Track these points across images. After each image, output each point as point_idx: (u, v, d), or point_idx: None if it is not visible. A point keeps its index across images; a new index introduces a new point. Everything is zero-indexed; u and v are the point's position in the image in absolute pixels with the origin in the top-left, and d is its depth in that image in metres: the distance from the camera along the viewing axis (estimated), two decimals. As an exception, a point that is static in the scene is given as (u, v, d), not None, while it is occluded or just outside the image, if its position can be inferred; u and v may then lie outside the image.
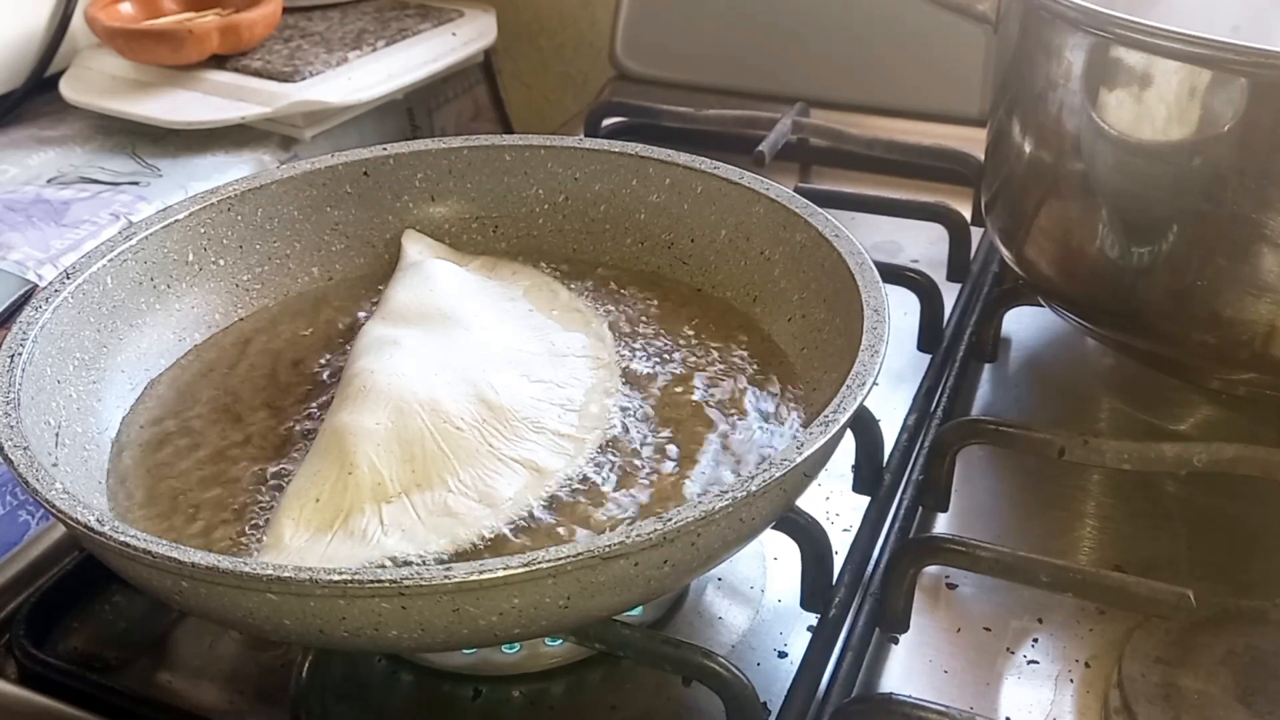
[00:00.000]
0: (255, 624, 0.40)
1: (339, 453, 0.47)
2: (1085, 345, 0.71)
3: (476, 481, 0.47)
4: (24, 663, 0.49)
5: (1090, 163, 0.58)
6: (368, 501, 0.46)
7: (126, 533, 0.40)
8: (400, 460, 0.47)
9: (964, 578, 0.55)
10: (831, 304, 0.54)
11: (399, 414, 0.48)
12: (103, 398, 0.53)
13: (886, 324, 0.49)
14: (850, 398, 0.44)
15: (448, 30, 0.95)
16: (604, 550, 0.38)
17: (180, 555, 0.38)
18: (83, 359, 0.52)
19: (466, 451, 0.48)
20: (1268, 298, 0.54)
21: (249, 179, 0.61)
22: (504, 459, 0.48)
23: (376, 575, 0.37)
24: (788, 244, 0.57)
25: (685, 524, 0.39)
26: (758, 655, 0.51)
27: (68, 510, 0.41)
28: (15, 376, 0.47)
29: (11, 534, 0.60)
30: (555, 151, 0.64)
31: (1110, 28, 0.55)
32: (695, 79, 0.98)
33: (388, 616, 0.38)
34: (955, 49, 0.90)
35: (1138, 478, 0.58)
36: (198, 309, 0.59)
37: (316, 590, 0.37)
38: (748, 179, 0.60)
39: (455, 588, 0.37)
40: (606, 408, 0.52)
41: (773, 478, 0.41)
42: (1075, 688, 0.49)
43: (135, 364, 0.55)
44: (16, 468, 0.43)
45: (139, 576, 0.42)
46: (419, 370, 0.51)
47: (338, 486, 0.46)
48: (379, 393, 0.49)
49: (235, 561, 0.38)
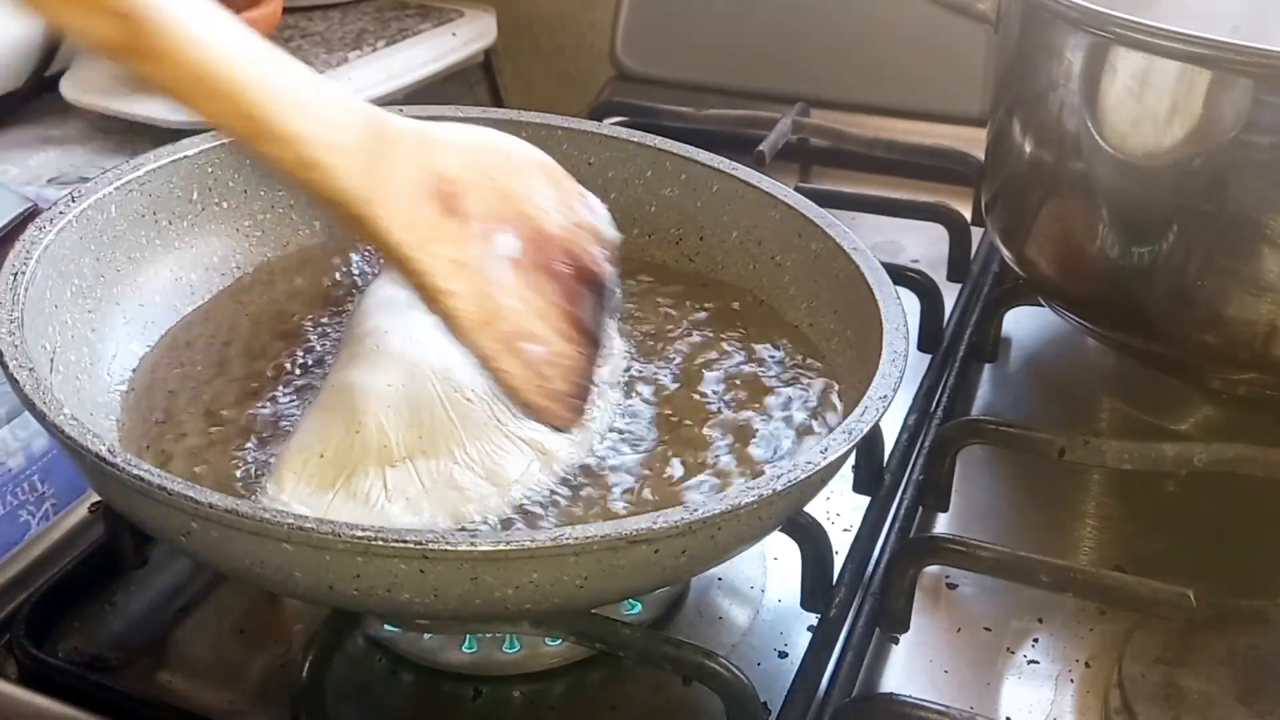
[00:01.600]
0: (263, 574, 0.39)
1: (347, 410, 0.46)
2: (1085, 345, 0.71)
3: (483, 457, 0.47)
4: (24, 663, 0.49)
5: (1090, 162, 0.58)
6: (372, 464, 0.45)
7: (140, 466, 0.38)
8: (408, 425, 0.46)
9: (964, 577, 0.54)
10: (843, 315, 0.54)
11: (411, 378, 0.47)
12: (97, 328, 0.52)
13: (906, 340, 0.49)
14: (873, 409, 0.45)
15: (448, 30, 0.95)
16: (631, 534, 0.38)
17: (197, 495, 0.37)
18: (80, 286, 0.51)
19: (475, 424, 0.47)
20: (1268, 297, 0.54)
21: None
22: (511, 436, 0.48)
23: (401, 535, 0.37)
24: (801, 252, 0.57)
25: (710, 515, 0.39)
26: (758, 655, 0.51)
27: (77, 438, 0.39)
28: (19, 295, 0.46)
29: (12, 533, 0.60)
30: (572, 134, 0.63)
31: (1111, 27, 0.55)
32: (695, 78, 0.98)
33: (404, 579, 0.38)
34: (955, 49, 0.90)
35: (1138, 477, 0.58)
36: (197, 250, 0.58)
37: (337, 544, 0.37)
38: (766, 183, 0.60)
39: (481, 556, 0.37)
40: (612, 396, 0.52)
41: (796, 479, 0.41)
42: (1075, 688, 0.49)
43: (131, 299, 0.54)
44: (22, 388, 0.41)
45: (146, 514, 0.40)
46: (433, 336, 0.49)
47: (343, 445, 0.46)
48: (392, 354, 0.48)
49: (254, 506, 0.38)
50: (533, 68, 1.11)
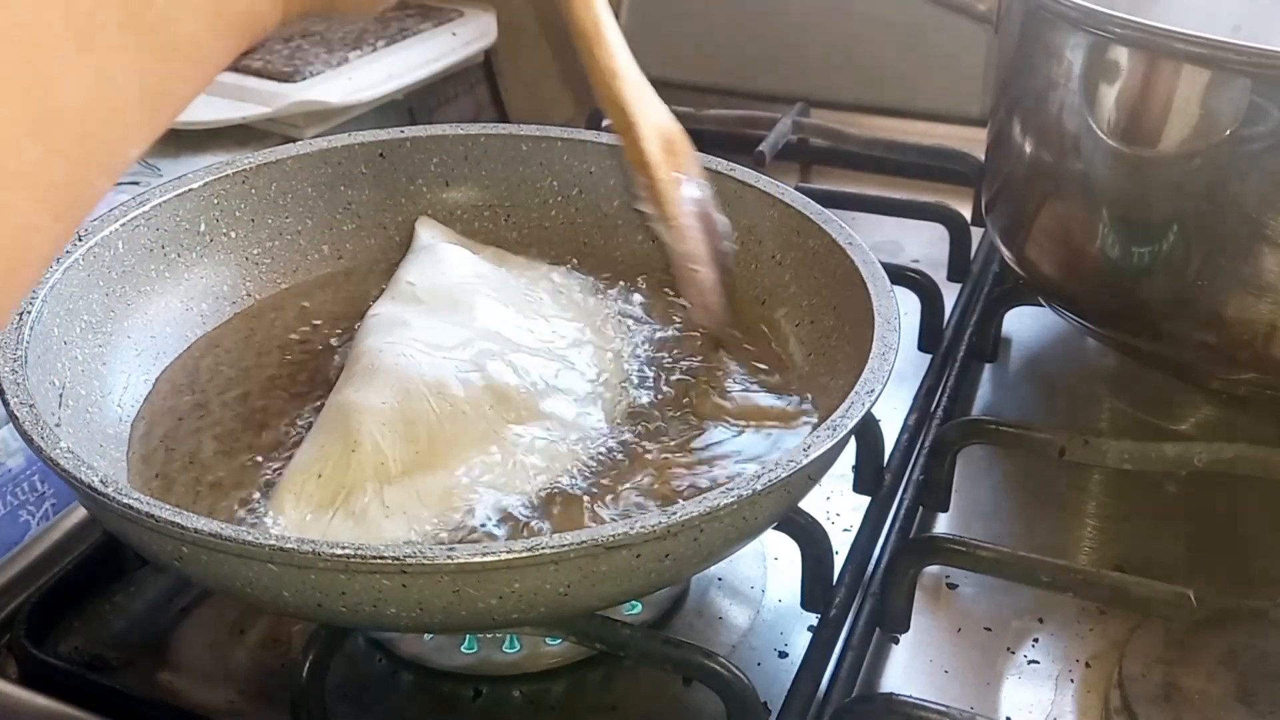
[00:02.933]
0: (254, 594, 0.40)
1: (343, 429, 0.47)
2: (1086, 345, 0.71)
3: (479, 467, 0.47)
4: (25, 663, 0.49)
5: (1091, 163, 0.58)
6: (370, 480, 0.46)
7: (130, 495, 0.39)
8: (404, 440, 0.47)
9: (964, 577, 0.54)
10: (841, 311, 0.54)
11: (405, 394, 0.48)
12: (108, 362, 0.52)
13: (897, 334, 0.49)
14: (859, 404, 0.44)
15: (448, 30, 0.95)
16: (607, 540, 0.38)
17: (183, 520, 0.38)
18: (90, 322, 0.52)
19: (471, 436, 0.48)
20: (1268, 297, 0.54)
21: (265, 153, 0.61)
22: (507, 446, 0.48)
23: (379, 551, 0.37)
24: (800, 249, 0.57)
25: (689, 518, 0.39)
26: (758, 655, 0.51)
27: (72, 470, 0.40)
28: (23, 334, 0.47)
29: (12, 533, 0.60)
30: (571, 144, 0.64)
31: (1111, 27, 0.55)
32: (696, 79, 0.98)
33: (388, 594, 0.38)
34: (956, 49, 0.90)
35: (1138, 478, 0.58)
36: (207, 280, 0.58)
37: (319, 563, 0.37)
38: (764, 183, 0.60)
39: (457, 568, 0.38)
40: (609, 401, 0.52)
41: (778, 478, 0.41)
42: (1076, 688, 0.49)
43: (142, 331, 0.55)
44: (21, 425, 0.43)
45: (140, 541, 0.41)
46: (427, 351, 0.51)
47: (340, 463, 0.46)
48: (386, 371, 0.49)
49: (238, 530, 0.38)
50: (533, 68, 1.11)
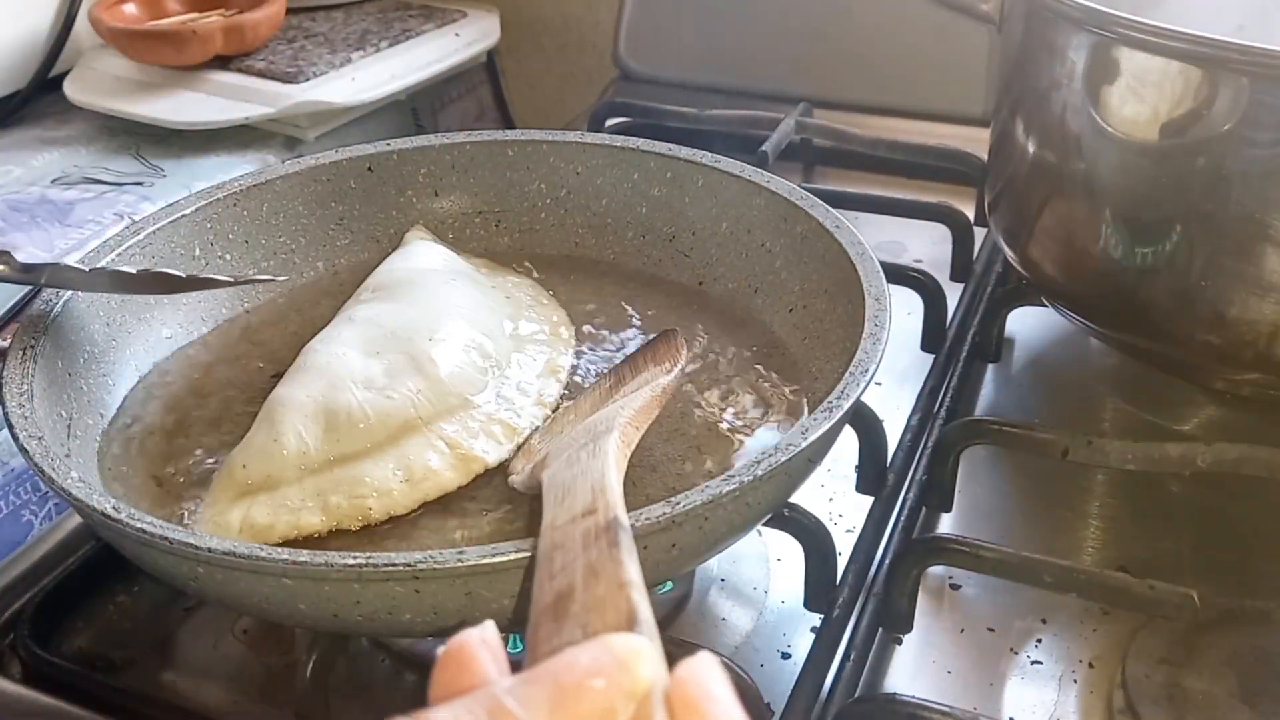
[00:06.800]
0: (270, 609, 0.40)
1: (268, 423, 0.48)
2: (1089, 345, 0.71)
3: (403, 458, 0.48)
4: (28, 662, 0.49)
5: (1094, 162, 0.58)
6: (292, 470, 0.47)
7: (143, 519, 0.40)
8: (325, 431, 0.48)
9: (967, 578, 0.54)
10: (833, 295, 0.54)
11: (331, 387, 0.49)
12: (113, 390, 0.53)
13: (888, 312, 0.49)
14: (854, 384, 0.45)
15: (451, 31, 0.95)
16: None
17: (196, 540, 0.39)
18: (93, 352, 0.53)
19: (397, 425, 0.48)
20: (1272, 298, 0.54)
21: (254, 175, 0.62)
22: (432, 436, 0.49)
23: (390, 559, 0.38)
24: (789, 236, 0.58)
25: (693, 507, 0.39)
26: (761, 656, 0.51)
27: (84, 498, 0.41)
28: (29, 368, 0.48)
29: (16, 533, 0.60)
30: (557, 146, 0.64)
31: (1114, 27, 0.55)
32: (699, 79, 0.98)
33: (401, 600, 0.39)
34: (958, 49, 0.89)
35: (1141, 478, 0.58)
36: (205, 303, 0.59)
37: (331, 574, 0.38)
38: (749, 172, 0.60)
39: (468, 571, 0.38)
40: (549, 396, 0.52)
41: (778, 463, 0.41)
42: (1079, 688, 0.49)
43: (144, 356, 0.56)
44: (32, 458, 0.43)
45: (154, 563, 0.42)
46: (360, 342, 0.51)
47: (263, 454, 0.47)
48: (317, 368, 0.50)
49: (251, 546, 0.39)
50: (536, 69, 1.12)
